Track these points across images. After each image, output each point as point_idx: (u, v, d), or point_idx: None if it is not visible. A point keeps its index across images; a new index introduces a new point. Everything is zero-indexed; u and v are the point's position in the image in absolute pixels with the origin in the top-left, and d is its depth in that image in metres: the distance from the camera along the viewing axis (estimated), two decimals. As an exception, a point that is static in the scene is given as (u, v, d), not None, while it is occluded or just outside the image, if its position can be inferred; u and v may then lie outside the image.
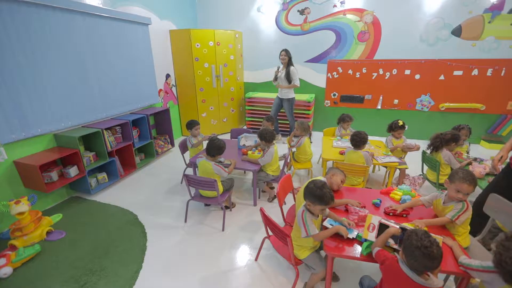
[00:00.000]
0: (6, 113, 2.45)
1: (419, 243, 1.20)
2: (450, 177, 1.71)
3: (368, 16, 4.68)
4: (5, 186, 2.56)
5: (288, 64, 4.32)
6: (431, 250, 1.18)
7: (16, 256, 2.12)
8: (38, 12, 2.61)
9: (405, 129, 3.18)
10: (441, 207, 1.76)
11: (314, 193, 1.60)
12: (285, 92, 4.49)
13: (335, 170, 2.21)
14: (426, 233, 1.25)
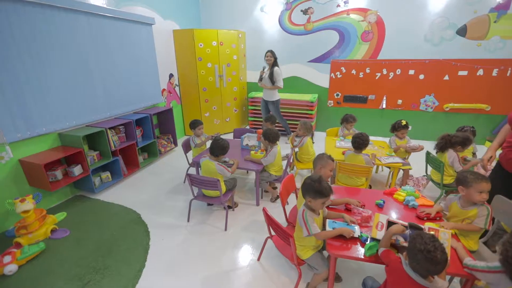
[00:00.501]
0: (11, 112, 2.48)
1: (423, 246, 1.17)
2: (462, 182, 1.68)
3: (372, 15, 4.66)
4: (11, 185, 2.59)
5: (273, 65, 4.30)
6: (434, 255, 1.14)
7: (21, 254, 2.14)
8: (43, 12, 2.63)
9: (408, 129, 3.16)
10: (458, 210, 1.74)
11: (313, 188, 1.61)
12: (269, 93, 4.47)
13: (320, 161, 2.13)
14: (432, 237, 1.21)
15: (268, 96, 4.50)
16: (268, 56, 4.27)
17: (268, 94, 4.48)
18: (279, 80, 4.32)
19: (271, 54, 4.27)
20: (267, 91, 4.46)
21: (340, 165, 2.58)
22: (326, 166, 2.10)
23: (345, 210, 1.93)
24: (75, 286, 1.95)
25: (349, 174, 2.59)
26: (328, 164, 2.10)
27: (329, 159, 2.13)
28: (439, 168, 2.67)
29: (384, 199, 2.03)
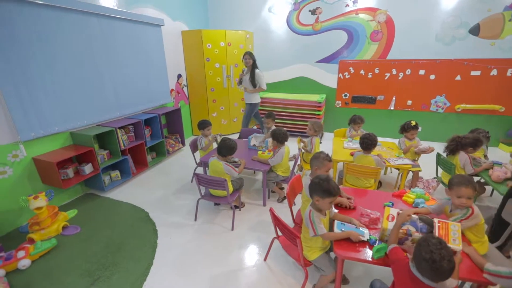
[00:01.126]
0: (26, 112, 2.56)
1: (428, 255, 1.11)
2: (448, 185, 1.67)
3: (381, 15, 4.60)
4: (25, 182, 2.67)
5: (252, 67, 4.16)
6: (440, 265, 1.08)
7: (34, 249, 2.20)
8: (56, 15, 2.70)
9: (418, 129, 3.10)
10: (448, 214, 1.72)
11: (321, 187, 1.59)
12: (249, 96, 4.34)
13: (316, 162, 2.06)
14: (439, 243, 1.14)
15: (247, 98, 4.38)
16: (246, 59, 4.12)
17: (248, 96, 4.36)
18: (262, 83, 4.21)
19: (249, 56, 4.11)
20: (248, 94, 4.33)
21: (348, 166, 2.55)
22: (321, 168, 2.02)
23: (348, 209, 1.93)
24: (85, 281, 2.00)
25: (357, 175, 2.56)
26: (324, 165, 2.02)
27: (325, 160, 2.04)
28: (450, 170, 2.62)
29: (393, 201, 2.00)
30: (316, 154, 2.10)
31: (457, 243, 1.37)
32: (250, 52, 4.15)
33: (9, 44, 2.37)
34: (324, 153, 2.11)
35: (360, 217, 1.81)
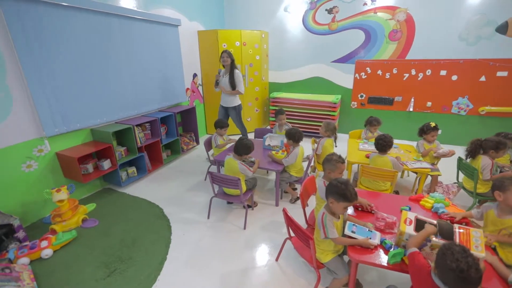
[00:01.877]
0: (51, 109, 2.68)
1: (454, 264, 1.04)
2: (499, 187, 1.58)
3: (401, 13, 4.46)
4: (48, 175, 2.80)
5: (231, 67, 3.76)
6: (468, 274, 1.02)
7: (56, 240, 2.31)
8: (80, 16, 2.81)
9: (438, 131, 2.98)
10: (495, 219, 1.63)
11: (338, 190, 1.57)
12: (229, 99, 3.93)
13: (329, 165, 2.00)
14: (463, 251, 1.08)
15: (228, 102, 3.95)
16: (224, 57, 3.69)
17: (228, 100, 3.93)
18: (240, 85, 3.80)
19: (228, 55, 3.68)
20: (227, 96, 3.91)
21: (364, 168, 2.50)
22: (335, 171, 1.98)
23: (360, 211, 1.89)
24: (103, 273, 2.07)
25: (373, 178, 2.50)
26: (337, 168, 1.98)
27: (338, 162, 1.99)
28: (472, 176, 2.51)
29: (410, 205, 1.95)
30: (328, 157, 2.05)
31: (479, 250, 1.31)
32: (228, 51, 3.73)
33: (38, 44, 2.49)
34: (336, 155, 2.06)
35: (376, 220, 1.77)
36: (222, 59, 3.71)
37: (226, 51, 3.70)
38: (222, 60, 3.70)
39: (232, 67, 3.75)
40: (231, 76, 3.75)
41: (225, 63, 3.73)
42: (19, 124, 2.48)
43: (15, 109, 2.43)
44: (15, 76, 2.40)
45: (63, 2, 2.60)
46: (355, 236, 1.61)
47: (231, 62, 3.73)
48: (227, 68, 3.78)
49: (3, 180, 2.43)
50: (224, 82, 3.81)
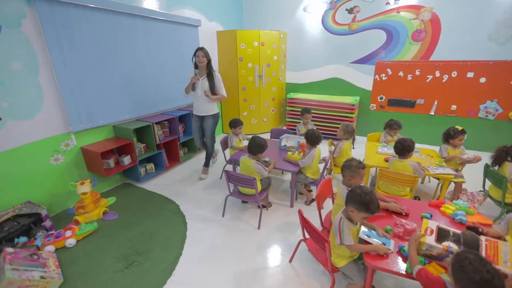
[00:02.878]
0: (77, 106, 2.82)
1: (478, 276, 1.00)
2: None
3: (425, 13, 4.30)
4: (73, 169, 2.94)
5: (208, 68, 3.19)
6: (494, 284, 0.98)
7: (79, 230, 2.43)
8: (107, 17, 2.94)
9: (465, 135, 2.83)
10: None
11: (361, 200, 1.51)
12: (208, 107, 3.33)
13: (348, 172, 1.93)
14: (481, 260, 1.04)
15: (206, 109, 3.34)
16: (200, 56, 3.07)
17: (206, 107, 3.33)
18: (222, 88, 3.34)
19: (204, 54, 3.09)
20: (205, 103, 3.29)
21: (382, 172, 2.43)
22: (356, 177, 1.92)
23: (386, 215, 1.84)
24: (121, 264, 2.15)
25: (392, 182, 2.43)
26: (358, 174, 1.91)
27: (359, 168, 1.92)
28: (500, 184, 2.37)
29: (431, 212, 1.87)
30: (347, 163, 1.98)
31: (508, 266, 1.23)
32: (205, 49, 3.13)
33: (68, 44, 2.63)
34: (356, 160, 1.98)
35: (394, 226, 1.72)
36: (197, 59, 3.10)
37: (202, 48, 3.11)
38: (197, 60, 3.10)
39: (209, 68, 3.20)
40: (211, 78, 3.19)
41: (200, 63, 3.11)
42: (49, 120, 2.63)
43: (45, 105, 2.58)
44: (46, 74, 2.54)
45: (91, 4, 2.72)
46: (370, 241, 1.57)
47: (208, 62, 3.17)
48: (203, 69, 3.17)
49: (33, 171, 2.59)
50: (203, 86, 3.21)
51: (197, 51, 3.08)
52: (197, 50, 3.08)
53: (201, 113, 3.38)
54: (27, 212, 2.35)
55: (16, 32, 2.29)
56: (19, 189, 2.50)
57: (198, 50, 3.08)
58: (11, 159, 2.41)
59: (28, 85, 2.43)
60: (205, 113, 3.38)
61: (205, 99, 3.26)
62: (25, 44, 2.36)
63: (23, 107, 2.42)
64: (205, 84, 3.19)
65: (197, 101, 3.31)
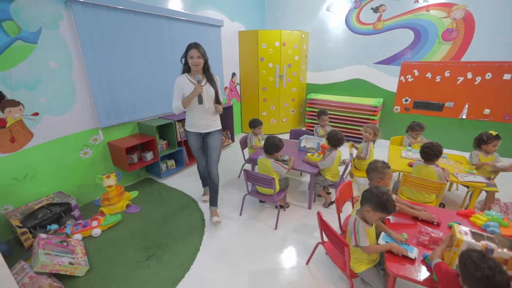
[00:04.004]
0: (106, 104, 2.96)
1: (479, 273, 1.05)
2: None
3: (458, 11, 4.07)
4: (100, 163, 3.10)
5: (208, 71, 2.44)
6: (495, 280, 1.02)
7: (104, 221, 2.55)
8: (135, 18, 3.06)
9: (500, 140, 2.64)
10: None
11: (378, 199, 1.51)
12: (213, 120, 2.57)
13: (376, 174, 1.90)
14: (483, 256, 1.09)
15: (211, 123, 2.56)
16: (195, 57, 2.29)
17: (212, 120, 2.55)
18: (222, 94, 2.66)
19: (201, 53, 2.30)
20: (210, 115, 2.53)
21: (406, 177, 2.34)
22: (384, 178, 1.89)
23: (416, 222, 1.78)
24: (142, 256, 2.23)
25: (416, 188, 2.33)
26: (386, 174, 1.89)
27: (385, 168, 1.91)
28: (538, 195, 2.19)
29: (459, 222, 1.77)
30: (373, 165, 1.95)
31: None
32: (200, 45, 2.31)
33: (99, 44, 2.77)
34: (380, 161, 1.97)
35: (419, 234, 1.65)
36: (191, 60, 2.30)
37: (197, 46, 2.29)
38: (192, 62, 2.31)
39: (207, 69, 2.43)
40: (213, 83, 2.45)
41: (196, 66, 2.32)
42: (80, 115, 2.79)
43: (78, 102, 2.74)
44: (79, 73, 2.70)
45: (120, 5, 2.85)
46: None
47: (205, 62, 2.39)
48: (198, 73, 2.37)
49: (65, 164, 2.76)
50: (209, 96, 2.44)
51: (190, 49, 2.28)
52: (190, 48, 2.28)
53: (205, 129, 2.55)
54: (59, 201, 2.51)
55: (54, 34, 2.45)
56: (52, 179, 2.67)
57: (192, 48, 2.28)
58: (46, 151, 2.58)
59: (63, 83, 2.59)
60: (210, 128, 2.56)
61: (210, 111, 2.50)
62: (61, 45, 2.52)
63: (58, 103, 2.59)
64: (210, 91, 2.44)
65: (199, 114, 2.48)
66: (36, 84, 2.40)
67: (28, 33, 2.29)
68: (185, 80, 2.43)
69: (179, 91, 2.44)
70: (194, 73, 2.41)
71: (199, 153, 2.75)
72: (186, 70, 2.45)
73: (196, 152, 2.74)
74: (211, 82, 2.45)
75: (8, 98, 2.25)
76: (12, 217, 2.23)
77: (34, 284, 1.74)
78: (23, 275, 1.74)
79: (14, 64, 2.24)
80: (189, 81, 2.42)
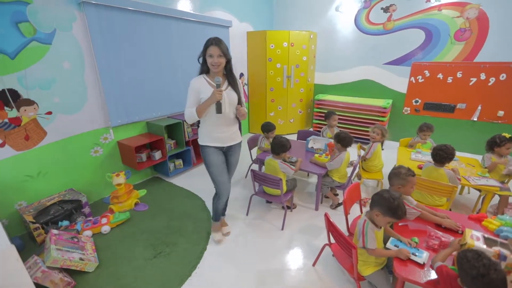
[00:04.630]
0: (116, 103, 3.02)
1: (475, 272, 1.07)
2: None
3: (471, 10, 3.98)
4: (110, 161, 3.16)
5: (229, 73, 2.04)
6: (489, 278, 1.04)
7: (114, 218, 2.60)
8: (144, 19, 3.11)
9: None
10: None
11: (389, 204, 1.49)
12: (235, 130, 2.19)
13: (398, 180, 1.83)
14: (478, 255, 1.10)
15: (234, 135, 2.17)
16: (215, 56, 1.89)
17: (234, 132, 2.17)
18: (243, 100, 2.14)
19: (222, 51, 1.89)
20: (232, 126, 2.14)
21: (416, 180, 2.29)
22: (406, 185, 1.83)
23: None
24: (150, 254, 2.27)
25: (426, 191, 2.28)
26: (409, 182, 1.82)
27: (408, 175, 1.82)
28: (555, 200, 2.13)
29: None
30: (396, 170, 1.89)
31: None
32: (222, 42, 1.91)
33: (110, 45, 2.83)
34: (405, 168, 1.88)
35: (429, 238, 1.62)
36: (211, 60, 1.89)
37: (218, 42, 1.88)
38: (211, 61, 1.90)
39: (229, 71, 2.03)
40: (235, 86, 2.04)
41: (216, 67, 1.90)
42: (91, 115, 2.85)
43: (89, 101, 2.80)
44: (91, 73, 2.76)
45: (130, 7, 2.89)
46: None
47: (227, 62, 1.97)
48: (219, 75, 1.99)
49: (76, 162, 2.82)
50: (230, 101, 2.01)
51: (210, 46, 1.87)
52: (209, 45, 1.87)
53: (228, 142, 2.13)
54: (70, 198, 2.57)
55: (67, 35, 2.51)
56: (64, 177, 2.74)
57: (211, 45, 1.86)
58: (59, 149, 2.65)
59: (75, 83, 2.66)
60: (233, 141, 2.17)
61: (231, 120, 2.09)
62: (74, 45, 2.58)
63: (71, 102, 2.66)
64: (232, 97, 2.01)
65: (220, 125, 2.05)
66: (50, 84, 2.47)
67: (43, 34, 2.35)
68: (203, 83, 1.99)
69: (195, 95, 1.99)
70: (213, 75, 1.98)
71: (224, 171, 2.18)
72: (205, 71, 2.01)
73: (218, 169, 2.14)
74: (233, 86, 2.02)
75: (24, 97, 2.32)
76: (26, 212, 2.29)
77: (46, 278, 1.79)
78: (36, 269, 1.79)
79: (30, 65, 2.31)
80: (207, 83, 1.96)
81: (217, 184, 2.23)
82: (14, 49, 2.20)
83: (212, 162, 2.13)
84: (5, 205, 2.36)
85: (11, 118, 2.27)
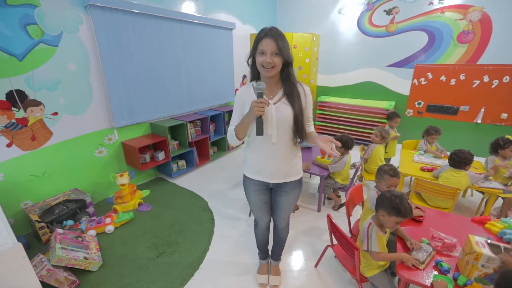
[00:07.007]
0: (121, 104, 3.05)
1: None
2: None
3: (474, 13, 3.98)
4: (114, 161, 3.19)
5: (285, 79, 1.44)
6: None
7: (117, 218, 2.62)
8: (149, 21, 3.14)
9: None
10: None
11: (391, 204, 1.49)
12: (292, 163, 1.55)
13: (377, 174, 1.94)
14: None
15: (287, 170, 1.55)
16: (269, 53, 1.30)
17: (288, 165, 1.53)
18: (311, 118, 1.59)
19: (280, 49, 1.30)
20: (287, 156, 1.51)
21: (419, 182, 2.30)
22: (381, 181, 1.90)
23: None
24: (153, 253, 2.28)
25: (431, 194, 2.28)
26: (384, 180, 1.87)
27: (386, 173, 1.86)
28: (559, 203, 2.12)
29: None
30: (380, 166, 1.98)
31: None
32: (281, 35, 1.32)
33: (115, 46, 2.86)
34: (390, 166, 1.93)
35: (432, 240, 1.62)
36: (262, 58, 1.33)
37: (272, 32, 1.31)
38: (261, 59, 1.33)
39: (287, 78, 1.44)
40: (293, 99, 1.42)
41: (269, 71, 1.34)
42: (96, 115, 2.88)
43: (94, 102, 2.84)
44: (96, 75, 2.79)
45: (135, 9, 2.93)
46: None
47: (286, 65, 1.40)
48: (273, 81, 1.45)
49: (81, 162, 2.85)
50: (280, 118, 1.42)
51: (263, 39, 1.32)
52: (262, 37, 1.32)
53: (277, 178, 1.56)
54: (75, 198, 2.60)
55: (74, 37, 2.55)
56: (69, 177, 2.77)
57: (265, 37, 1.32)
58: (64, 149, 2.68)
59: (81, 84, 2.69)
60: (287, 177, 1.57)
61: (285, 148, 1.48)
62: (80, 48, 2.62)
63: (76, 103, 2.69)
64: (285, 113, 1.42)
65: (265, 152, 1.50)
66: (56, 85, 2.50)
67: (51, 37, 2.39)
68: (248, 91, 1.48)
69: (240, 110, 1.52)
70: (264, 80, 1.43)
71: (263, 211, 1.74)
72: (255, 76, 1.48)
73: (258, 208, 1.73)
74: (290, 98, 1.42)
75: (30, 98, 2.35)
76: (31, 212, 2.32)
77: (51, 276, 1.81)
78: (41, 268, 1.81)
79: (37, 66, 2.35)
80: (258, 93, 1.33)
81: (254, 215, 1.85)
82: (23, 51, 2.25)
83: (250, 200, 1.72)
84: (11, 204, 2.39)
85: (18, 118, 2.31)
